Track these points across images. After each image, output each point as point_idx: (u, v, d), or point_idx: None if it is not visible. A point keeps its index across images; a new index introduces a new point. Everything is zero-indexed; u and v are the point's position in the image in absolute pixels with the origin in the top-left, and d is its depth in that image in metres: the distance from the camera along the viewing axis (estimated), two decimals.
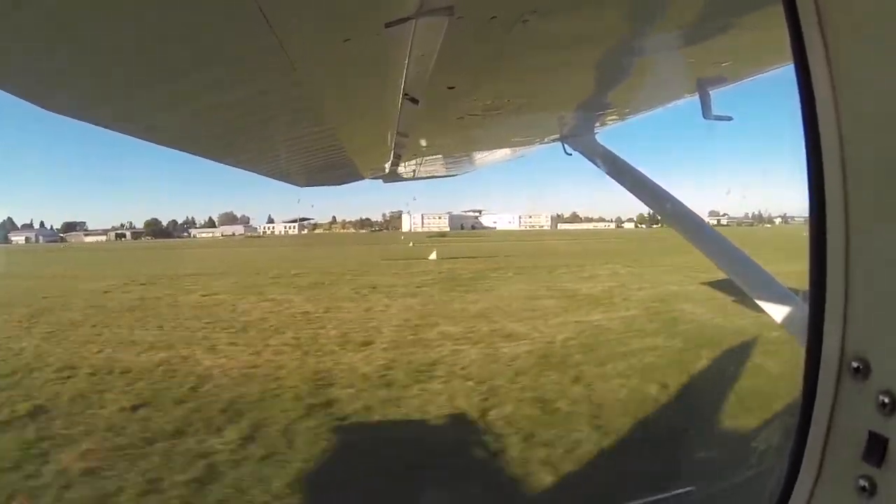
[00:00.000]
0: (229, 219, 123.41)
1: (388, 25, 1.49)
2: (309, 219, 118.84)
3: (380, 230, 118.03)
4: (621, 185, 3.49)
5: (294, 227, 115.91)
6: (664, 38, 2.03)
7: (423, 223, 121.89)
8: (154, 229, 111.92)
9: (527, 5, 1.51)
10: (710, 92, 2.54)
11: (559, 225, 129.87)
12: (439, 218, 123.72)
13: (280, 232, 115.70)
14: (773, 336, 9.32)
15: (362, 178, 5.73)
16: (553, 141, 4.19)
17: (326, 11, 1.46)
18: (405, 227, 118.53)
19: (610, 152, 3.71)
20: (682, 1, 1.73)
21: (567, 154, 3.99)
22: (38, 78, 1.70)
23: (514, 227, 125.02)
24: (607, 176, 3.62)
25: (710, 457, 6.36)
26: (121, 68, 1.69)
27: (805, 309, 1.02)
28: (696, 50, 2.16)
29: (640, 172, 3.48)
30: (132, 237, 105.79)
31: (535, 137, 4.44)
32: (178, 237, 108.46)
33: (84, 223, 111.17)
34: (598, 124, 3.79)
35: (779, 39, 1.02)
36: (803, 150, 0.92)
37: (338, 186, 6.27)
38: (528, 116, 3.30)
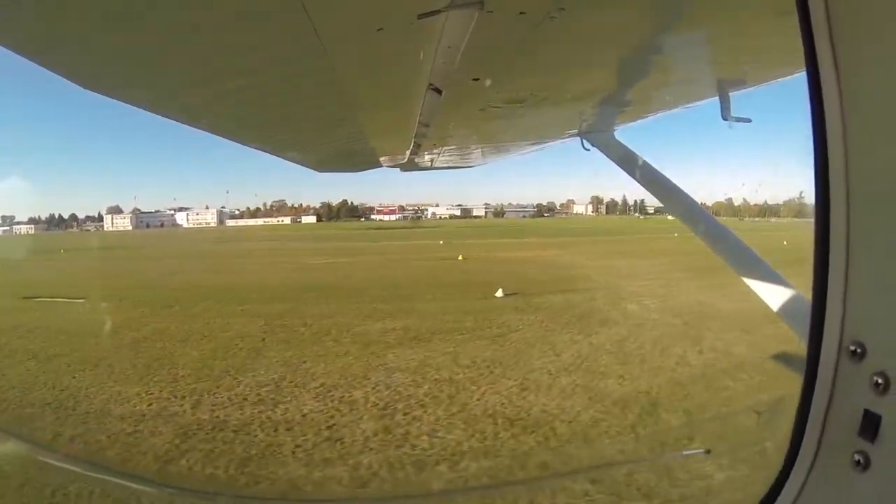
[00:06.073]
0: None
1: (420, 17, 1.55)
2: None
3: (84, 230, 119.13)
4: (638, 181, 3.53)
5: (32, 228, 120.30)
6: (687, 39, 2.06)
7: (112, 223, 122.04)
8: None
9: (555, 3, 1.55)
10: (730, 94, 2.56)
11: (228, 221, 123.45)
12: (123, 218, 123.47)
13: (23, 232, 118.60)
14: None
15: (380, 165, 5.79)
16: (572, 136, 4.23)
17: (363, 1, 1.53)
18: (107, 227, 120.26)
19: (628, 149, 3.74)
20: (706, 3, 1.77)
21: (585, 149, 4.03)
22: (87, 59, 1.78)
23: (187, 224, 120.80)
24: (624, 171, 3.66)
25: None
26: (159, 51, 1.76)
27: (803, 301, 1.09)
28: (717, 52, 2.19)
29: (656, 170, 3.51)
30: None
31: (554, 131, 4.47)
32: None
33: None
34: (617, 121, 3.82)
35: (800, 45, 1.07)
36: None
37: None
38: (549, 111, 3.34)
